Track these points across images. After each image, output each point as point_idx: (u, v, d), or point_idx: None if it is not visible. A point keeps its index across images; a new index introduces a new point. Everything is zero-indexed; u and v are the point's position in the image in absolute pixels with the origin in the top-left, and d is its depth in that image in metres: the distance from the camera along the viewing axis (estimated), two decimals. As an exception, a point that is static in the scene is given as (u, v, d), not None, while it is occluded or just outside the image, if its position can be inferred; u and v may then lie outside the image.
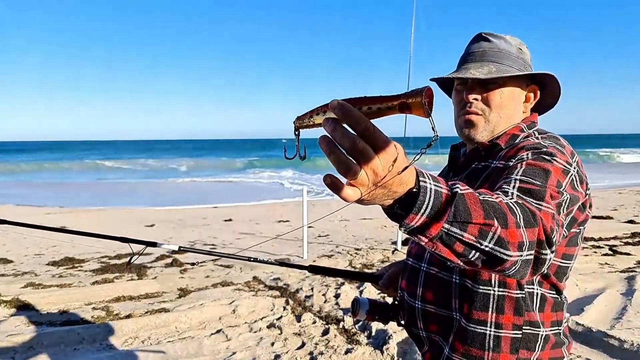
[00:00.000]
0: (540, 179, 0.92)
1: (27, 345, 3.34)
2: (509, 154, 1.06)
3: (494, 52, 1.15)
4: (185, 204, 14.68)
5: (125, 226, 9.91)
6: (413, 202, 0.65)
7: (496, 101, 1.14)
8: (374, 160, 0.58)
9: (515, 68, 1.14)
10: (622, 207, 10.75)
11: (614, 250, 6.26)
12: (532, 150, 1.01)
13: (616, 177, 20.46)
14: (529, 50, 1.22)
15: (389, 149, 0.59)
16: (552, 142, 1.05)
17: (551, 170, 0.94)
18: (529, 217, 0.77)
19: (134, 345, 3.47)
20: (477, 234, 0.69)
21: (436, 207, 0.65)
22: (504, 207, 0.74)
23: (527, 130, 1.15)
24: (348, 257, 6.37)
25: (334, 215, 10.77)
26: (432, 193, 0.65)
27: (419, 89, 0.58)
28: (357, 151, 0.58)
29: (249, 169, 30.30)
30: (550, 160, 0.97)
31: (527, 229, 0.75)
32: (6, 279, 5.42)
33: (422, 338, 1.20)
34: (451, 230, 0.67)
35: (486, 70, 1.12)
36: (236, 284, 5.04)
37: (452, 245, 0.69)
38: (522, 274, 0.77)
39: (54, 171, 29.73)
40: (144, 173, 29.39)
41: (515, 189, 0.88)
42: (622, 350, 3.16)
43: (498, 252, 0.71)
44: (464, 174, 1.18)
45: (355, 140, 0.57)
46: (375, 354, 3.23)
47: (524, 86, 1.19)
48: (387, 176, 0.60)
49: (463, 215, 0.67)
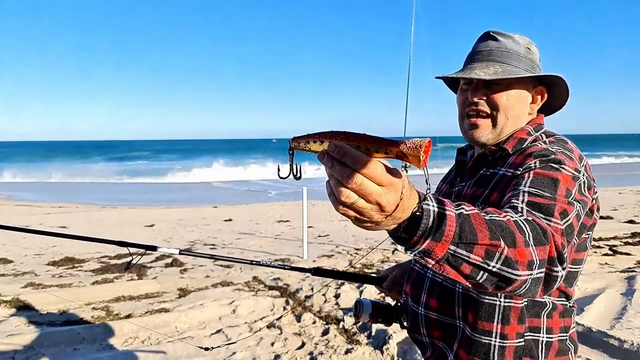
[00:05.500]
0: (549, 190, 0.90)
1: (27, 345, 3.34)
2: (517, 161, 1.03)
3: (501, 52, 1.12)
4: (185, 204, 14.69)
5: (125, 226, 9.91)
6: (417, 226, 0.64)
7: (502, 103, 1.11)
8: (375, 196, 0.58)
9: (522, 69, 1.11)
10: (622, 207, 10.76)
11: (614, 250, 6.26)
12: (540, 157, 0.98)
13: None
14: (537, 49, 1.18)
15: (393, 184, 0.58)
16: (560, 147, 1.03)
17: (560, 179, 0.93)
18: (539, 234, 0.77)
19: (134, 345, 3.47)
20: (483, 254, 0.68)
21: (440, 229, 0.65)
22: (512, 226, 0.74)
23: (534, 133, 1.12)
24: (348, 257, 6.38)
25: (334, 215, 10.78)
26: (436, 215, 0.65)
27: (419, 143, 0.56)
28: (356, 189, 0.57)
29: (249, 169, 30.29)
30: (559, 168, 0.95)
31: (537, 247, 0.75)
32: (6, 279, 5.41)
33: (425, 343, 1.19)
34: (457, 252, 0.67)
35: (492, 71, 1.09)
36: (236, 284, 5.04)
37: (459, 267, 0.68)
38: (533, 293, 0.77)
39: (54, 171, 29.71)
40: (144, 173, 29.37)
41: (525, 204, 0.87)
42: (622, 350, 3.16)
43: (506, 272, 0.71)
44: (472, 180, 1.15)
45: (353, 178, 0.56)
46: (375, 354, 3.23)
47: (531, 88, 1.16)
48: (393, 209, 0.60)
49: (469, 237, 0.67)
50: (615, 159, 38.59)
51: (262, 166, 30.81)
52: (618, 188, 15.60)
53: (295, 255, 6.57)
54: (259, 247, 7.34)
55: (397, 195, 0.60)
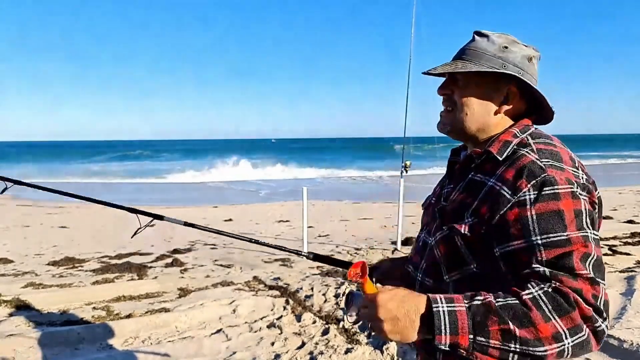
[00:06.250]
0: (559, 228, 0.89)
1: (27, 345, 3.34)
2: (507, 176, 0.99)
3: (471, 51, 1.10)
4: (185, 203, 14.69)
5: (125, 226, 9.91)
6: (432, 327, 0.81)
7: (459, 99, 1.11)
8: (377, 325, 0.87)
9: (486, 67, 1.07)
10: (622, 207, 10.76)
11: (614, 250, 6.26)
12: (532, 182, 0.94)
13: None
14: (527, 49, 1.11)
15: (381, 309, 0.87)
16: (549, 159, 0.98)
17: (563, 209, 0.91)
18: (560, 304, 0.82)
19: (134, 345, 3.48)
20: (500, 339, 0.79)
21: (454, 325, 0.80)
22: (528, 304, 0.81)
23: (521, 134, 1.07)
24: (348, 257, 6.38)
25: (334, 215, 10.78)
26: (447, 314, 0.81)
27: (349, 274, 0.97)
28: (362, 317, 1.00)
29: (249, 169, 30.29)
30: (555, 193, 0.92)
31: (561, 318, 0.81)
32: (6, 278, 5.42)
33: (415, 346, 1.21)
34: (478, 339, 0.79)
35: (451, 68, 1.09)
36: (236, 284, 5.04)
37: (487, 352, 0.80)
38: (585, 353, 0.83)
39: (53, 171, 29.71)
40: (143, 173, 29.37)
41: (546, 265, 0.88)
42: (621, 350, 3.16)
43: (530, 350, 0.79)
44: (462, 183, 1.12)
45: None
46: (375, 354, 3.24)
47: (502, 86, 1.09)
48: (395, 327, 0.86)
49: (482, 325, 0.79)
50: (617, 160, 38.56)
51: (262, 166, 30.88)
52: (618, 188, 15.60)
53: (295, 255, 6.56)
54: (259, 247, 7.34)
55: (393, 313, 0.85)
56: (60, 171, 29.68)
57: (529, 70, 1.10)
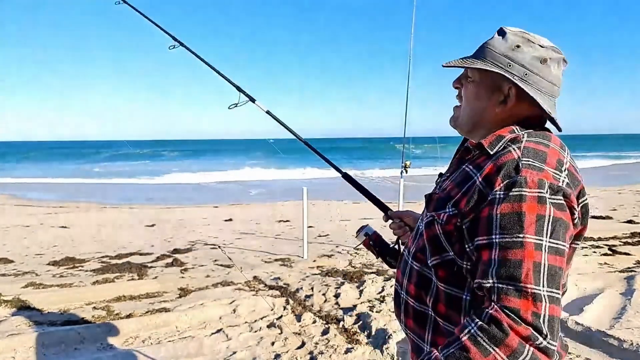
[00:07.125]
0: (516, 229, 0.89)
1: (27, 345, 3.35)
2: (490, 172, 0.98)
3: (484, 48, 1.09)
4: (185, 203, 14.70)
5: (125, 225, 9.93)
6: None
7: (464, 94, 1.14)
8: None
9: (490, 64, 1.05)
10: (622, 207, 10.77)
11: (614, 250, 6.27)
12: (506, 180, 0.94)
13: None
14: (540, 50, 1.05)
15: None
16: (530, 158, 0.96)
17: (524, 211, 0.90)
18: (494, 335, 0.85)
19: (134, 345, 3.48)
20: None
21: None
22: (467, 346, 0.86)
23: (519, 131, 1.05)
24: (348, 257, 6.38)
25: (334, 215, 10.79)
26: None
27: None
28: None
29: (249, 169, 30.30)
30: (521, 195, 0.91)
31: (498, 348, 0.84)
32: (7, 278, 5.43)
33: (408, 335, 1.25)
34: None
35: (460, 62, 1.11)
36: (236, 284, 5.05)
37: None
38: None
39: (53, 171, 29.72)
40: (144, 173, 29.37)
41: (495, 274, 0.89)
42: (621, 350, 3.16)
43: None
44: (455, 174, 1.13)
45: None
46: (375, 354, 3.24)
47: (505, 85, 1.06)
48: None
49: None
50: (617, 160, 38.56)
51: (262, 166, 30.92)
52: (617, 188, 15.61)
53: (295, 254, 6.57)
54: (259, 247, 7.35)
55: None
56: (60, 171, 29.67)
57: (541, 73, 1.04)
